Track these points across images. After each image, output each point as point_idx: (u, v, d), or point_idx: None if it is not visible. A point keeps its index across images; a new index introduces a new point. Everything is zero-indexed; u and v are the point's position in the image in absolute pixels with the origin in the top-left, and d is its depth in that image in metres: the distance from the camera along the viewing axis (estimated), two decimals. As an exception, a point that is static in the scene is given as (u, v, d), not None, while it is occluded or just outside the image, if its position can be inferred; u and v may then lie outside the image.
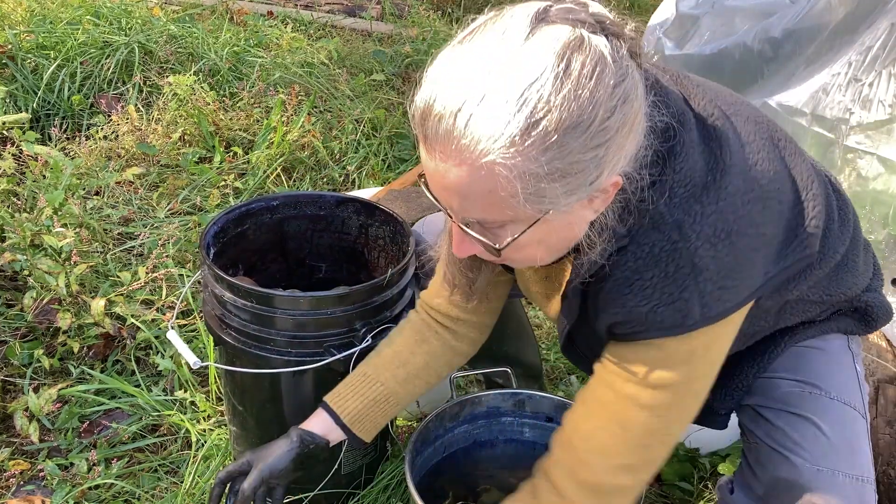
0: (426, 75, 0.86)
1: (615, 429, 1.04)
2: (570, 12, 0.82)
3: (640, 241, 0.94)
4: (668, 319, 0.95)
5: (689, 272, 0.93)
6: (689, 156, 0.93)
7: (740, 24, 2.73)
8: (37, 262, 1.92)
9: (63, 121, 2.89)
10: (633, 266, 0.95)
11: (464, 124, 0.80)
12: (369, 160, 2.97)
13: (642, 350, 1.01)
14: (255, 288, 1.36)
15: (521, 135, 0.79)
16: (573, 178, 0.83)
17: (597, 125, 0.80)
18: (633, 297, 0.96)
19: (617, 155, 0.84)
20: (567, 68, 0.78)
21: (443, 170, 0.85)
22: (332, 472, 1.55)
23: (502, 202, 0.84)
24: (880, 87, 2.06)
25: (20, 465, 1.67)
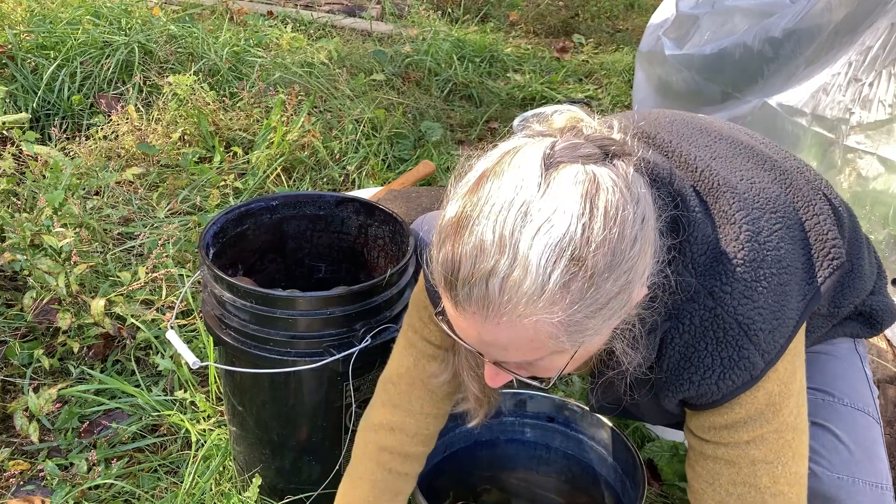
0: (441, 232, 0.83)
1: (745, 490, 1.03)
2: (574, 149, 0.81)
3: (680, 316, 0.96)
4: (737, 379, 0.97)
5: (738, 332, 0.95)
6: (697, 225, 0.95)
7: (740, 24, 2.73)
8: (37, 262, 1.92)
9: (63, 121, 2.89)
10: (683, 342, 0.97)
11: (498, 289, 0.78)
12: (369, 160, 2.97)
13: (727, 412, 1.01)
14: (254, 288, 1.36)
15: (560, 291, 0.78)
16: (609, 308, 0.83)
17: (626, 260, 0.81)
18: (696, 371, 0.98)
19: (643, 272, 0.85)
20: (591, 214, 0.78)
21: (478, 329, 0.83)
22: (332, 472, 1.55)
23: (543, 347, 0.84)
24: (880, 87, 2.06)
25: (20, 465, 1.67)
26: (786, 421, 1.02)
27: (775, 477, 1.02)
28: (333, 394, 1.46)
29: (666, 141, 1.05)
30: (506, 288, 0.78)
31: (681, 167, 1.02)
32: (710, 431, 1.03)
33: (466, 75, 3.85)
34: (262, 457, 1.56)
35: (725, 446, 1.02)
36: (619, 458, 1.49)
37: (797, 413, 1.03)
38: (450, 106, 3.67)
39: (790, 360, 1.01)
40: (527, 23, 5.05)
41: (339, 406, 1.48)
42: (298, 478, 1.57)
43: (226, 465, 1.67)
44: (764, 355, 0.96)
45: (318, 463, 1.55)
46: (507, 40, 4.66)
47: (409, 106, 3.42)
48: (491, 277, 0.78)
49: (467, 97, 3.78)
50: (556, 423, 1.56)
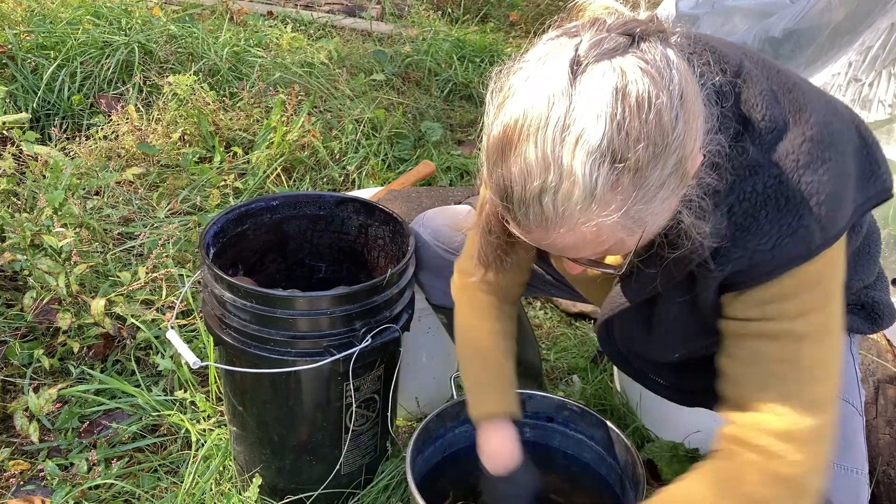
0: (484, 157, 0.88)
1: (787, 369, 1.01)
2: (598, 46, 0.82)
3: (741, 190, 0.96)
4: (794, 249, 0.96)
5: (800, 200, 0.95)
6: (760, 99, 0.97)
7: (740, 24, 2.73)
8: (37, 262, 1.92)
9: (63, 121, 2.88)
10: (742, 210, 0.97)
11: (551, 205, 0.83)
12: (369, 160, 2.97)
13: (775, 287, 1.00)
14: (254, 288, 1.36)
15: (610, 192, 0.81)
16: (664, 190, 0.85)
17: (670, 144, 0.82)
18: (753, 239, 0.97)
19: (692, 145, 0.87)
20: (624, 111, 0.79)
21: (544, 241, 0.89)
22: (332, 472, 1.56)
23: (609, 240, 0.88)
24: (880, 87, 2.06)
25: (20, 465, 1.67)
26: (833, 307, 1.01)
27: (816, 359, 1.01)
28: (334, 394, 1.46)
29: None
30: (558, 202, 0.82)
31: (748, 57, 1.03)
32: (755, 308, 1.01)
33: (466, 75, 3.85)
34: (262, 457, 1.56)
35: (772, 321, 1.01)
36: (619, 457, 1.49)
37: (838, 303, 1.02)
38: (450, 106, 3.67)
39: (839, 251, 1.00)
40: (527, 23, 5.05)
41: (339, 406, 1.48)
42: (298, 478, 1.57)
43: (226, 465, 1.67)
44: (823, 230, 0.95)
45: (318, 463, 1.55)
46: (507, 40, 4.66)
47: (409, 106, 3.42)
48: (543, 195, 0.82)
49: (467, 97, 3.78)
50: (556, 423, 1.56)
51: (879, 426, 1.65)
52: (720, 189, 0.95)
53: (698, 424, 1.79)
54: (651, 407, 1.87)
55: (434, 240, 1.55)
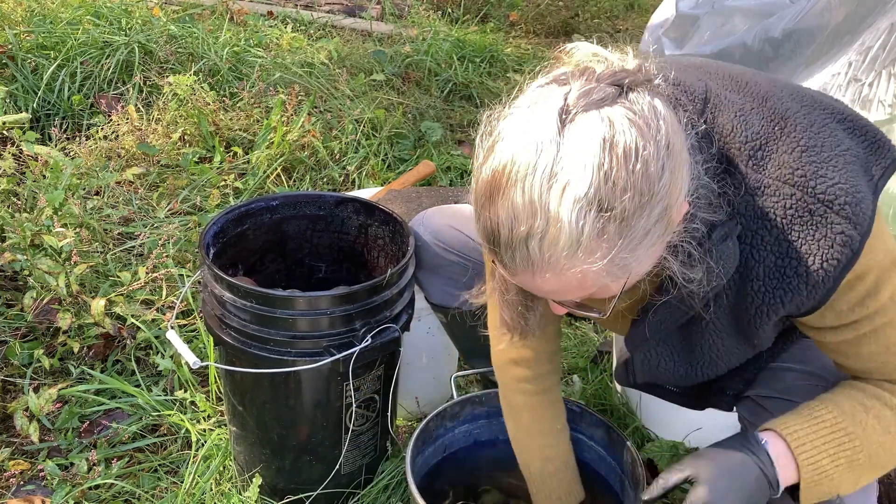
0: (477, 198, 0.89)
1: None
2: (587, 96, 0.83)
3: (762, 216, 0.97)
4: (840, 256, 0.96)
5: (824, 209, 0.95)
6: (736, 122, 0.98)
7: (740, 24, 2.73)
8: (37, 262, 1.92)
9: (63, 121, 2.88)
10: (773, 237, 0.98)
11: (537, 250, 0.84)
12: (369, 160, 2.97)
13: (843, 298, 1.00)
14: (254, 288, 1.36)
15: (596, 240, 0.82)
16: (649, 238, 0.86)
17: (656, 193, 0.83)
18: (801, 263, 0.97)
19: (678, 194, 0.87)
20: (612, 161, 0.80)
21: (529, 284, 0.91)
22: (332, 472, 1.56)
23: (593, 285, 0.89)
24: (880, 87, 2.06)
25: (20, 465, 1.67)
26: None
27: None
28: (334, 394, 1.46)
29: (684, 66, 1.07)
30: (545, 247, 0.83)
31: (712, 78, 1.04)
32: (856, 311, 1.01)
33: (466, 75, 3.84)
34: (262, 457, 1.56)
35: (881, 313, 1.01)
36: (619, 457, 1.49)
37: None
38: (450, 106, 3.67)
39: (879, 226, 1.00)
40: (527, 23, 5.05)
41: (339, 406, 1.48)
42: (298, 478, 1.57)
43: (226, 464, 1.67)
44: (857, 227, 0.95)
45: (318, 463, 1.55)
46: (507, 40, 4.66)
47: (409, 106, 3.42)
48: (529, 240, 0.84)
49: (467, 97, 3.78)
50: (556, 423, 1.56)
51: (879, 426, 1.65)
52: (718, 223, 0.96)
53: (698, 423, 1.79)
54: (651, 406, 1.87)
55: (434, 239, 1.55)
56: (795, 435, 1.04)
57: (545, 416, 1.44)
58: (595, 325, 2.37)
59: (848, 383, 1.10)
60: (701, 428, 1.78)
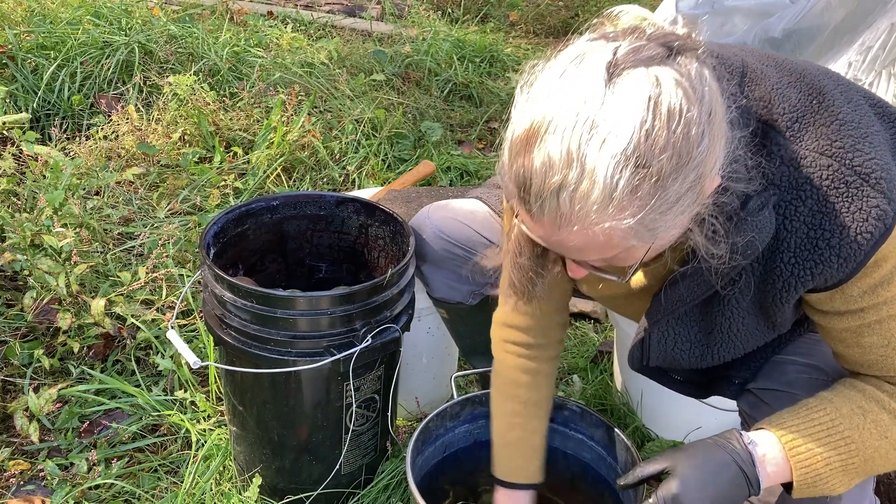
0: (507, 148, 0.88)
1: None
2: (637, 52, 0.83)
3: (797, 187, 0.97)
4: (874, 230, 0.96)
5: (860, 182, 0.96)
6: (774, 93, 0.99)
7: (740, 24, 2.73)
8: (37, 262, 1.92)
9: (63, 121, 2.88)
10: (808, 209, 0.98)
11: (568, 202, 0.82)
12: (369, 160, 2.97)
13: (856, 283, 1.00)
14: (255, 288, 1.36)
15: (628, 197, 0.81)
16: (680, 205, 0.86)
17: (693, 158, 0.83)
18: (835, 235, 0.97)
19: (713, 165, 0.87)
20: (655, 119, 0.80)
21: (554, 238, 0.89)
22: (332, 472, 1.56)
23: (618, 246, 0.88)
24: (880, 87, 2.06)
25: (20, 465, 1.67)
26: None
27: None
28: (334, 394, 1.46)
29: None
30: (576, 199, 0.82)
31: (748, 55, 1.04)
32: (865, 297, 1.01)
33: (466, 75, 3.85)
34: (262, 456, 1.56)
35: (888, 303, 1.01)
36: (618, 457, 1.49)
37: None
38: (450, 106, 3.67)
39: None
40: (527, 23, 5.05)
41: (339, 406, 1.48)
42: (298, 478, 1.57)
43: (226, 464, 1.67)
44: (891, 203, 0.95)
45: (318, 463, 1.56)
46: (507, 40, 4.66)
47: (409, 106, 3.42)
48: (561, 191, 0.82)
49: (467, 97, 3.78)
50: (556, 423, 1.56)
51: (879, 426, 1.65)
52: (753, 194, 0.96)
53: (699, 422, 1.79)
54: (651, 406, 1.87)
55: (438, 232, 1.55)
56: (789, 436, 1.04)
57: (525, 384, 1.42)
58: (595, 325, 2.37)
59: (848, 382, 1.10)
60: (700, 427, 1.78)
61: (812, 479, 1.03)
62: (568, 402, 1.56)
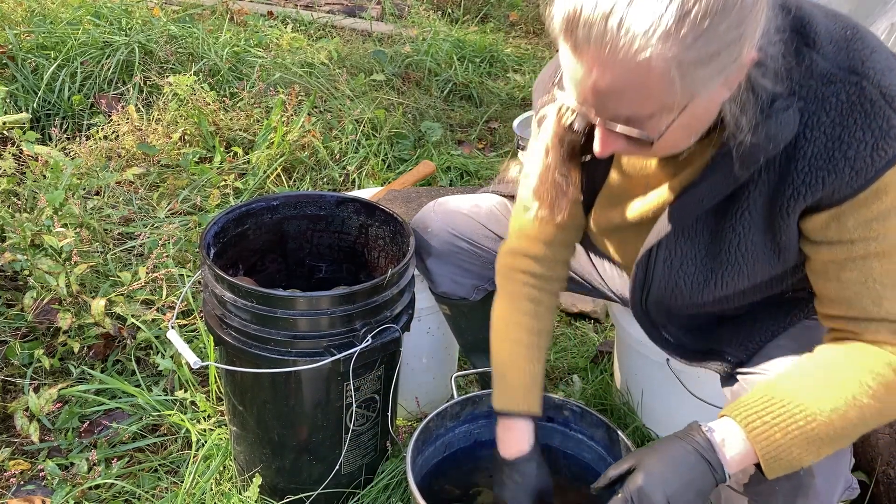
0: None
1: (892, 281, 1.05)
2: None
3: (822, 99, 1.00)
4: (891, 150, 0.99)
5: (885, 103, 0.99)
6: (817, 11, 1.02)
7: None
8: (37, 262, 1.92)
9: (63, 121, 2.89)
10: (830, 120, 1.00)
11: (616, 25, 0.85)
12: (369, 160, 2.97)
13: (874, 204, 1.02)
14: (255, 288, 1.36)
15: (675, 25, 0.84)
16: (720, 58, 0.88)
17: (739, 9, 0.86)
18: (850, 147, 1.00)
19: (754, 30, 0.90)
20: None
21: (596, 74, 0.90)
22: (332, 471, 1.56)
23: (655, 94, 0.90)
24: (880, 87, 2.05)
25: (20, 464, 1.67)
26: None
27: None
28: (334, 394, 1.46)
29: None
30: (623, 23, 0.85)
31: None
32: (858, 229, 1.04)
33: (466, 75, 3.85)
34: (262, 456, 1.56)
35: (877, 239, 1.04)
36: (618, 457, 1.49)
37: None
38: (450, 106, 3.67)
39: None
40: (527, 23, 5.05)
41: (339, 406, 1.48)
42: (299, 477, 1.57)
43: (226, 464, 1.67)
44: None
45: (318, 463, 1.56)
46: (507, 40, 4.67)
47: (409, 106, 3.42)
48: (610, 17, 0.85)
49: (467, 97, 3.78)
50: (556, 423, 1.56)
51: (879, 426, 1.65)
52: (779, 96, 0.99)
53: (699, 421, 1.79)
54: (651, 406, 1.87)
55: (445, 225, 1.56)
56: (747, 416, 1.06)
57: (531, 313, 1.41)
58: (595, 325, 2.37)
59: (806, 356, 1.12)
60: (701, 428, 1.78)
61: (776, 452, 1.04)
62: (568, 402, 1.56)
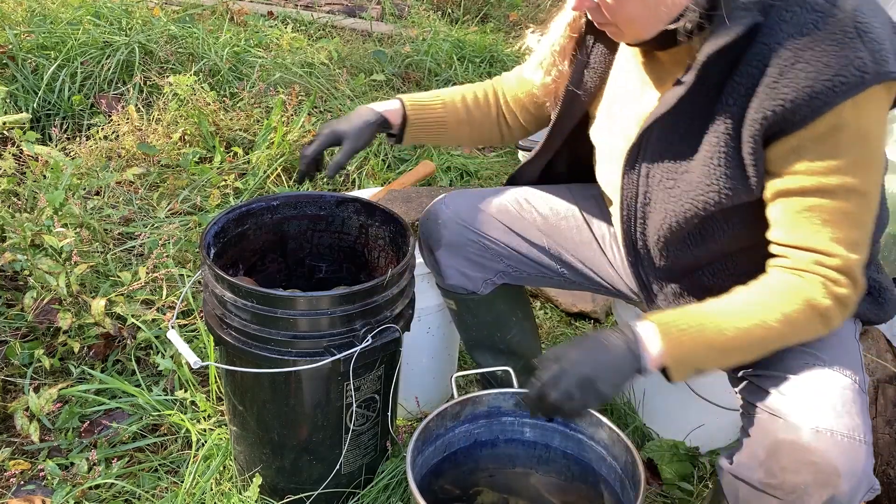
0: None
1: (838, 217, 1.12)
2: None
3: (801, 24, 1.06)
4: (849, 76, 1.04)
5: (857, 34, 1.04)
6: None
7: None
8: (37, 262, 1.92)
9: (63, 121, 2.89)
10: (803, 44, 1.06)
11: None
12: (369, 160, 2.97)
13: (813, 147, 1.10)
14: (255, 288, 1.36)
15: None
16: None
17: None
18: (817, 69, 1.05)
19: None
20: None
21: None
22: (332, 471, 1.56)
23: None
24: (880, 87, 2.05)
25: (20, 464, 1.67)
26: (875, 168, 1.12)
27: (861, 208, 1.13)
28: (334, 393, 1.46)
29: None
30: None
31: None
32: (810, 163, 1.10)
33: (466, 75, 3.85)
34: (262, 456, 1.56)
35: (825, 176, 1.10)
36: (619, 457, 1.49)
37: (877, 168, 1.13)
38: (450, 106, 3.67)
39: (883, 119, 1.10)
40: (527, 23, 5.05)
41: (339, 406, 1.48)
42: (299, 477, 1.57)
43: (226, 464, 1.67)
44: (876, 66, 1.03)
45: (318, 463, 1.56)
46: (507, 40, 4.67)
47: (409, 106, 3.42)
48: None
49: (467, 97, 3.77)
50: (556, 423, 1.56)
51: (879, 426, 1.65)
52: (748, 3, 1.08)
53: (699, 420, 1.79)
54: (651, 406, 1.88)
55: (455, 216, 1.58)
56: (663, 322, 1.17)
57: (488, 102, 1.64)
58: (595, 325, 2.37)
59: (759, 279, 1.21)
60: (703, 425, 1.78)
61: (682, 356, 1.16)
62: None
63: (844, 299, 1.15)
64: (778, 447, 1.14)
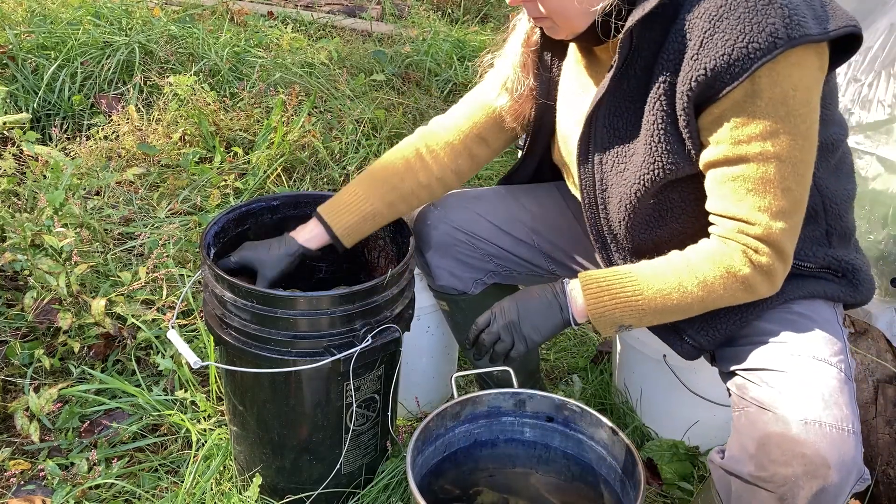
0: None
1: (760, 186, 1.15)
2: None
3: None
4: (762, 42, 1.07)
5: (768, 1, 1.08)
6: None
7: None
8: (37, 262, 1.92)
9: (63, 121, 2.89)
10: (716, 14, 1.10)
11: None
12: (369, 160, 2.97)
13: (735, 116, 1.13)
14: (255, 288, 1.36)
15: None
16: None
17: None
18: (732, 36, 1.08)
19: None
20: None
21: None
22: (332, 471, 1.56)
23: None
24: (880, 87, 2.06)
25: (20, 464, 1.67)
26: (797, 124, 1.12)
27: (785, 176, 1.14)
28: (334, 393, 1.46)
29: None
30: None
31: None
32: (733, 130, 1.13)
33: (466, 75, 3.85)
34: (262, 456, 1.56)
35: (745, 144, 1.13)
36: (619, 457, 1.49)
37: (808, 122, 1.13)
38: (450, 106, 3.66)
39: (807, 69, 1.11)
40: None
41: (339, 406, 1.48)
42: (299, 477, 1.57)
43: (226, 464, 1.67)
44: (788, 32, 1.06)
45: (318, 462, 1.56)
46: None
47: (409, 106, 3.42)
48: None
49: (467, 97, 3.77)
50: (556, 423, 1.56)
51: (879, 426, 1.65)
52: None
53: (697, 417, 1.79)
54: (651, 405, 1.88)
55: (444, 217, 1.59)
56: (588, 280, 1.27)
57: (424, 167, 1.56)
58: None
59: None
60: (699, 422, 1.78)
61: (601, 311, 1.26)
62: (568, 402, 1.56)
63: (765, 267, 1.18)
64: (767, 440, 1.15)
